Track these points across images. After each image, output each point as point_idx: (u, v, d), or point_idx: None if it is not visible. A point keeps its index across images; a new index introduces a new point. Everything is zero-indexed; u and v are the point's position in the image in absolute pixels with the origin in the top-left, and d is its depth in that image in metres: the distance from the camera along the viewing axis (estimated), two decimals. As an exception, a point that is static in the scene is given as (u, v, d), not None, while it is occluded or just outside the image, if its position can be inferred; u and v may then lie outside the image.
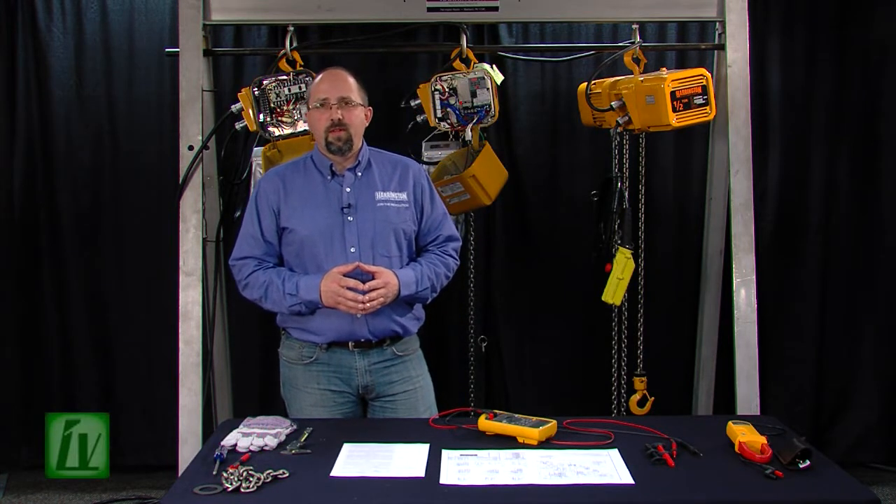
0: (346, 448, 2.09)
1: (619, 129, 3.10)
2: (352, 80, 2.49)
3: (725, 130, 3.07)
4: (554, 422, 2.15)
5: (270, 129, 2.96)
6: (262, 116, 2.94)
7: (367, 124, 2.54)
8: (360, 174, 2.50)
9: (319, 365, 2.50)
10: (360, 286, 2.35)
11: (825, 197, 3.78)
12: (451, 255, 2.60)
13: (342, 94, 2.44)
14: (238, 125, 3.05)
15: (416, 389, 2.56)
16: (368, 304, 2.35)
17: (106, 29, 3.67)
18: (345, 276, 2.36)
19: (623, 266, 3.10)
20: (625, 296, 3.19)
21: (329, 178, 2.49)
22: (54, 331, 3.78)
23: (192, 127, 2.99)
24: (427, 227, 2.57)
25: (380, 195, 2.49)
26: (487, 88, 3.00)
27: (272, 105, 2.94)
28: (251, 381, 3.77)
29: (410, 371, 2.56)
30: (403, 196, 2.51)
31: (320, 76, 2.52)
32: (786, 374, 3.81)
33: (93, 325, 3.78)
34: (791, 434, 2.11)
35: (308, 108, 2.52)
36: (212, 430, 2.73)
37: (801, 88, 3.73)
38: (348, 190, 2.48)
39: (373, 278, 2.37)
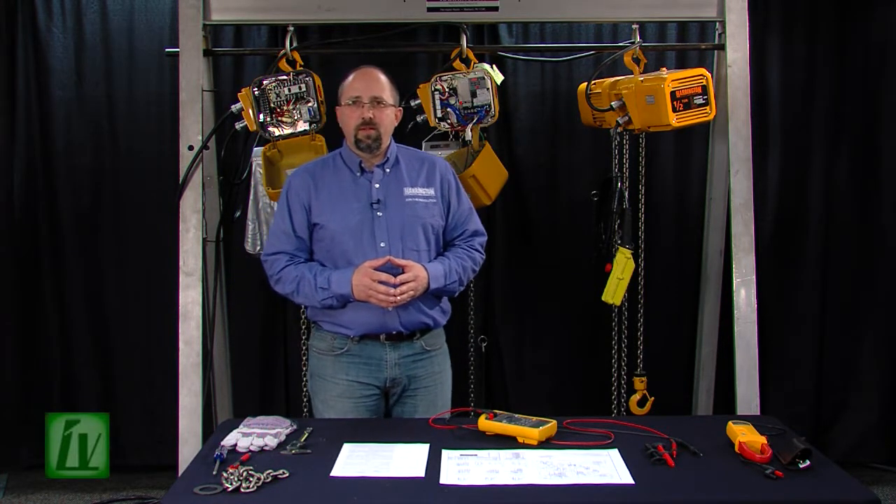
0: (346, 448, 2.09)
1: (619, 129, 3.10)
2: (385, 79, 2.56)
3: (725, 130, 3.07)
4: (554, 422, 2.15)
5: (270, 129, 2.95)
6: (262, 116, 2.93)
7: (396, 124, 2.60)
8: (388, 170, 2.57)
9: (350, 356, 2.54)
10: (392, 280, 2.39)
11: (825, 197, 3.78)
12: (477, 250, 2.66)
13: (374, 94, 2.50)
14: (238, 125, 3.05)
15: (437, 385, 2.62)
16: (399, 297, 2.39)
17: (106, 29, 3.67)
18: (375, 269, 2.40)
19: (623, 266, 3.10)
20: (625, 296, 3.19)
21: (358, 174, 2.55)
22: (54, 331, 3.78)
23: (192, 127, 2.99)
24: (454, 222, 2.63)
25: (408, 191, 2.55)
26: (487, 88, 3.00)
27: (272, 105, 2.94)
28: (251, 381, 3.77)
29: (435, 367, 2.62)
30: (431, 192, 2.57)
31: (354, 74, 2.57)
32: (786, 373, 3.82)
33: (93, 325, 3.78)
34: (791, 434, 2.11)
35: (339, 104, 2.56)
36: (212, 430, 2.73)
37: (801, 88, 3.73)
38: (377, 186, 2.54)
39: (403, 272, 2.41)
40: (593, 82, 3.15)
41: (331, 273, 2.46)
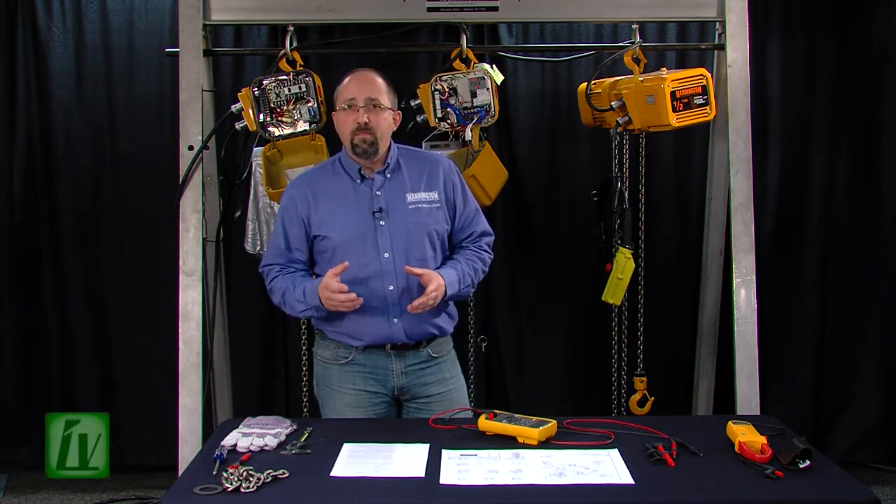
0: (346, 448, 2.09)
1: (619, 129, 3.10)
2: (381, 81, 2.46)
3: (725, 130, 3.08)
4: (554, 422, 2.15)
5: (270, 129, 2.95)
6: (262, 116, 2.93)
7: (395, 127, 2.51)
8: (389, 176, 2.48)
9: (355, 366, 2.49)
10: (344, 288, 2.31)
11: (825, 197, 3.78)
12: (485, 250, 2.60)
13: (370, 96, 2.41)
14: (238, 125, 3.05)
15: (452, 391, 2.56)
16: (421, 309, 2.35)
17: (106, 29, 3.67)
18: (338, 274, 2.32)
19: (623, 266, 3.10)
20: (625, 296, 3.19)
21: (359, 181, 2.46)
22: (54, 331, 3.78)
23: (192, 127, 2.99)
24: (461, 225, 2.56)
25: (410, 196, 2.46)
26: (487, 88, 3.00)
27: (272, 105, 2.94)
28: (251, 381, 3.77)
29: (445, 372, 2.56)
30: (434, 195, 2.48)
31: (349, 76, 2.47)
32: (786, 374, 3.82)
33: (93, 325, 3.78)
34: (791, 434, 2.11)
35: (335, 109, 2.48)
36: (212, 430, 2.73)
37: (801, 88, 3.73)
38: (378, 193, 2.45)
39: (419, 279, 2.36)
40: (593, 82, 3.15)
41: (306, 284, 2.42)
